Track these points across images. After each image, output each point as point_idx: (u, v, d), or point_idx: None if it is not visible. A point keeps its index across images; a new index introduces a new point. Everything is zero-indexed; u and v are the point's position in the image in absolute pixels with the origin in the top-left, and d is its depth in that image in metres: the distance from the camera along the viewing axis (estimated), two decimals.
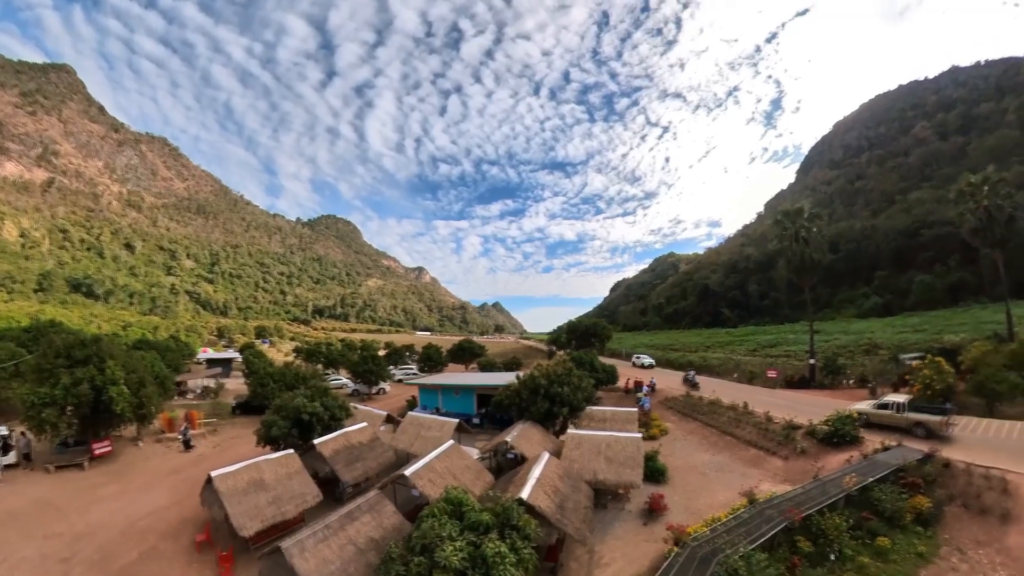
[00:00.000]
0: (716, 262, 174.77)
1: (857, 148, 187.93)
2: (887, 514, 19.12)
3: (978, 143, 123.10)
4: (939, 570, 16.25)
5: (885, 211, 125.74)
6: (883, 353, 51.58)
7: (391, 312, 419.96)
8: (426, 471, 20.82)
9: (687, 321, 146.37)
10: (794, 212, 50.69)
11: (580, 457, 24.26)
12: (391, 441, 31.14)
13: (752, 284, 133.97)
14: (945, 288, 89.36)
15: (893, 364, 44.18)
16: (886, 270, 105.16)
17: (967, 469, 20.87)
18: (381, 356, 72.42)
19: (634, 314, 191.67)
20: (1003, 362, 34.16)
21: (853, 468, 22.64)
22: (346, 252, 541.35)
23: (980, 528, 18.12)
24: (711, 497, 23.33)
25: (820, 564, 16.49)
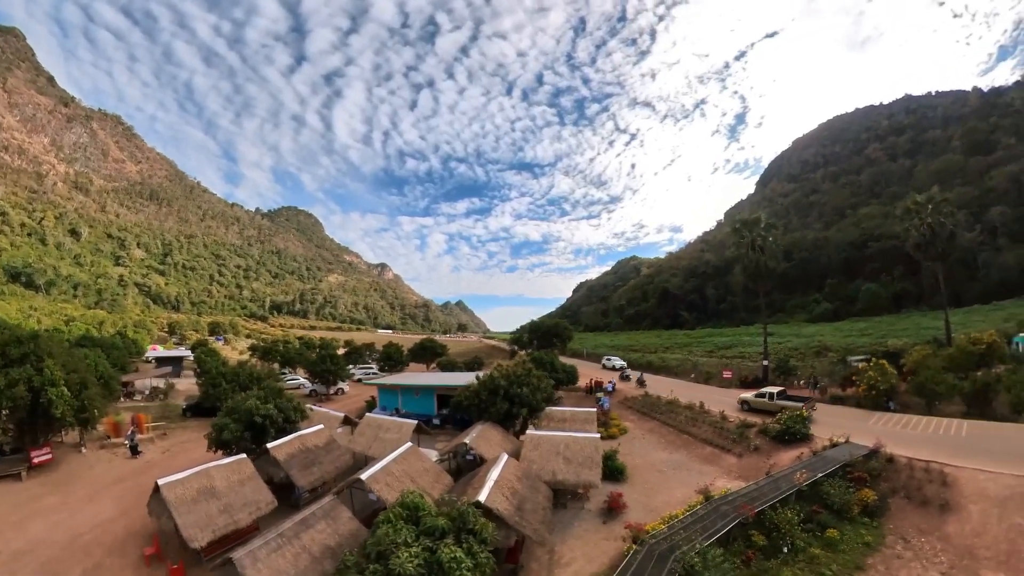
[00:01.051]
0: (676, 266, 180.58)
1: (814, 164, 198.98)
2: (836, 507, 19.82)
3: (924, 166, 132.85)
4: (885, 558, 16.90)
5: (836, 224, 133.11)
6: (832, 355, 54.13)
7: (352, 309, 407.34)
8: (383, 474, 20.03)
9: (647, 323, 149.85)
10: (752, 221, 52.57)
11: (539, 458, 24.03)
12: (348, 443, 30.01)
13: (710, 288, 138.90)
14: (889, 296, 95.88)
15: (841, 366, 46.00)
16: (836, 278, 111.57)
17: (909, 463, 21.90)
18: (340, 355, 70.22)
19: (596, 315, 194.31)
20: (942, 365, 36.60)
21: (803, 464, 23.34)
22: (307, 246, 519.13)
23: (922, 518, 19.04)
24: (669, 494, 23.54)
25: (774, 556, 16.89)
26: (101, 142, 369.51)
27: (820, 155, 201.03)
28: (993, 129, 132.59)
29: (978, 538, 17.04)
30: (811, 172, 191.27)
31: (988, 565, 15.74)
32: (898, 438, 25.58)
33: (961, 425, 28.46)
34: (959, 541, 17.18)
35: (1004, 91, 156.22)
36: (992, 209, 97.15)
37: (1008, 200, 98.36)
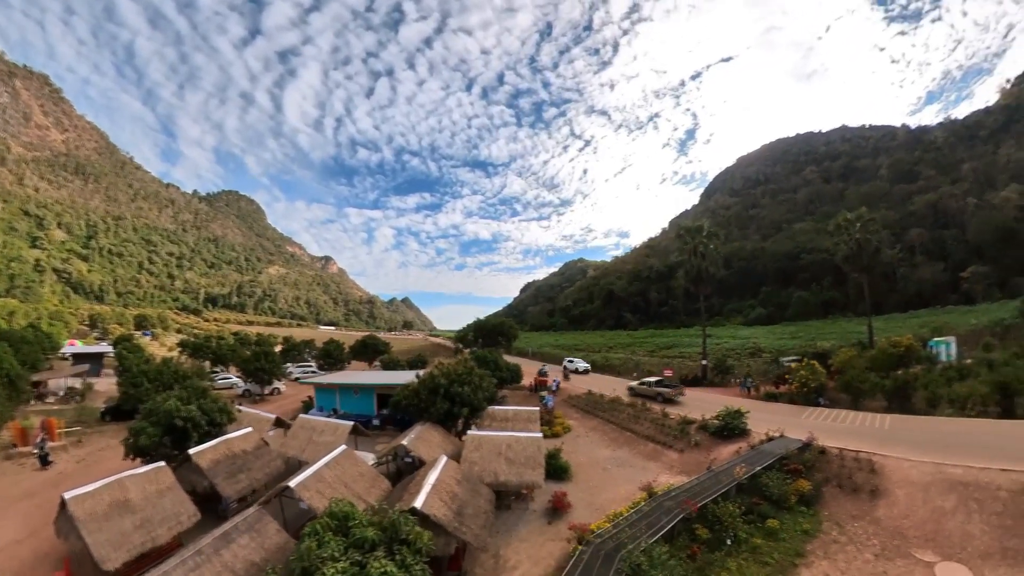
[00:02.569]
0: (622, 270, 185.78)
1: (755, 181, 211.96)
2: (774, 498, 20.21)
3: (854, 189, 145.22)
4: (822, 543, 17.45)
5: (773, 237, 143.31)
6: (766, 356, 56.86)
7: (293, 304, 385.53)
8: (314, 481, 18.37)
9: (592, 323, 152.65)
10: (695, 229, 54.72)
11: (480, 459, 22.99)
12: (280, 447, 27.76)
13: (653, 291, 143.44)
14: (819, 303, 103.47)
15: (774, 365, 48.00)
16: (770, 286, 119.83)
17: (840, 454, 22.80)
18: (277, 353, 66.19)
19: (542, 315, 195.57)
20: (865, 365, 39.15)
21: (742, 458, 23.67)
22: (247, 234, 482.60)
23: (854, 504, 19.81)
24: (613, 492, 23.24)
25: (718, 549, 17.00)
26: (23, 104, 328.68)
27: (761, 173, 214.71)
28: (916, 162, 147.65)
29: (906, 520, 17.96)
30: (752, 188, 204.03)
31: (916, 544, 16.68)
32: (828, 431, 26.59)
33: (884, 419, 30.06)
34: (889, 524, 18.01)
35: (929, 130, 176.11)
36: (911, 230, 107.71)
37: (925, 223, 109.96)
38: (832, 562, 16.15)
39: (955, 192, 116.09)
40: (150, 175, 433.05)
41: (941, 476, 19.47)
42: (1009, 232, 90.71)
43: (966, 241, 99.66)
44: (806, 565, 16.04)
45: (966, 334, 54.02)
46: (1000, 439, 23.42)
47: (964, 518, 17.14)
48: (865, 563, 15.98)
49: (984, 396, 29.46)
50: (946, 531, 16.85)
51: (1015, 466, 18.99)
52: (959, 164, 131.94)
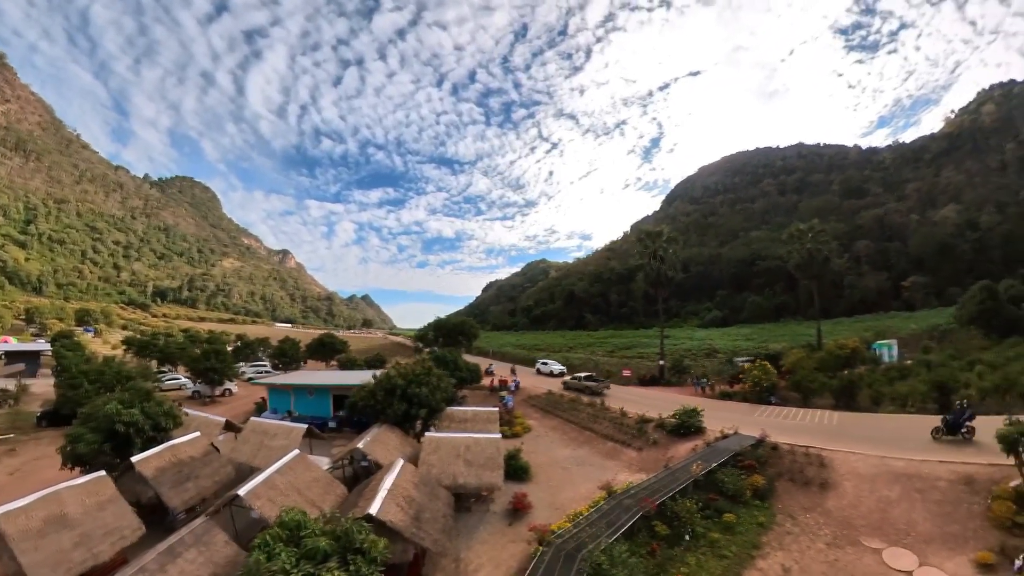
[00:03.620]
0: (583, 271, 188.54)
1: (715, 190, 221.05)
2: (730, 493, 20.65)
3: (808, 202, 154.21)
4: (777, 535, 18.01)
5: (730, 243, 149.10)
6: (721, 356, 58.54)
7: (248, 299, 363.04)
8: (265, 488, 17.27)
9: (553, 323, 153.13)
10: (656, 233, 56.15)
11: (439, 461, 22.43)
12: (230, 453, 26.11)
13: (613, 293, 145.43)
14: (771, 307, 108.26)
15: (729, 365, 49.31)
16: (726, 290, 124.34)
17: (791, 450, 23.60)
18: (229, 351, 62.97)
19: (503, 315, 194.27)
20: (814, 366, 41.17)
21: (698, 456, 24.02)
22: (200, 224, 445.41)
23: (805, 496, 20.54)
24: (573, 491, 23.13)
25: (677, 544, 17.18)
26: None
27: (721, 183, 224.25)
28: (866, 180, 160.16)
29: (854, 510, 18.82)
30: (712, 197, 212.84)
31: (865, 532, 17.46)
32: (780, 428, 27.44)
33: (832, 415, 31.33)
34: (839, 514, 18.80)
35: (878, 151, 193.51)
36: (859, 242, 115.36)
37: (871, 236, 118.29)
38: (787, 552, 16.63)
39: (899, 209, 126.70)
40: (98, 155, 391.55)
41: (885, 468, 20.66)
42: (947, 247, 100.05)
43: (908, 253, 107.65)
44: (762, 556, 16.44)
45: (906, 338, 57.69)
46: None
47: (908, 507, 18.11)
48: (818, 552, 16.55)
49: (923, 394, 31.36)
50: (892, 519, 17.74)
51: (952, 458, 20.33)
52: (904, 184, 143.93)
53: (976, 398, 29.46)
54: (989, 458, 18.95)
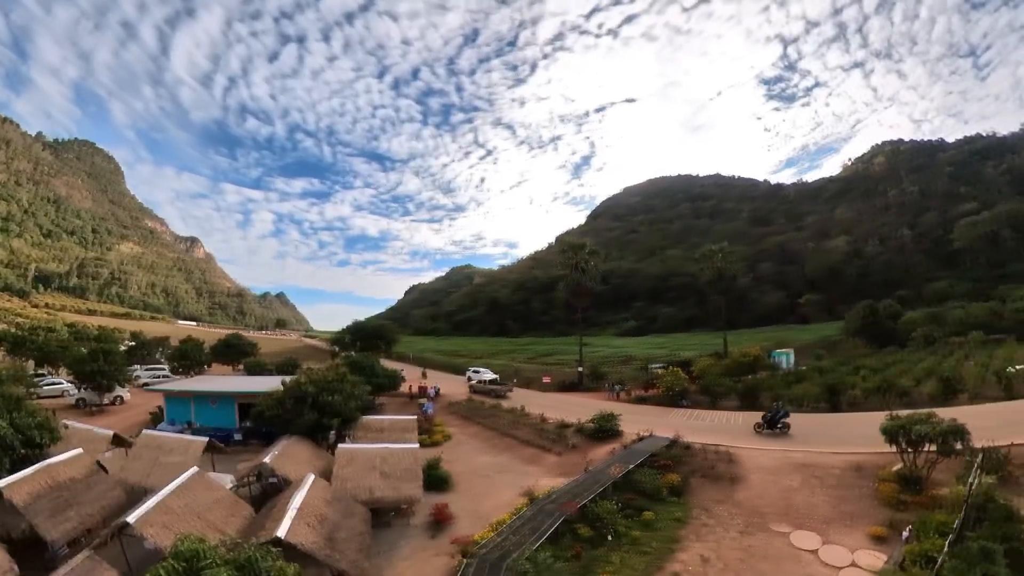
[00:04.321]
0: (507, 279, 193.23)
1: (637, 209, 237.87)
2: (648, 492, 21.46)
3: (720, 227, 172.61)
4: (694, 528, 18.98)
5: (647, 259, 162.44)
6: (636, 363, 61.28)
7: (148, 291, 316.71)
8: (159, 513, 15.09)
9: (475, 329, 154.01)
10: (579, 246, 59.27)
11: (353, 475, 21.27)
12: (120, 473, 22.58)
13: (536, 301, 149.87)
14: (683, 318, 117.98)
15: (644, 372, 52.00)
16: (642, 302, 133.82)
17: (703, 448, 25.28)
18: (122, 351, 55.31)
19: (425, 319, 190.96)
20: (721, 371, 45.25)
21: (616, 458, 24.83)
22: (99, 199, 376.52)
23: (717, 490, 21.96)
24: (496, 499, 22.83)
25: (600, 545, 17.51)
26: None
27: (643, 204, 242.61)
28: (772, 211, 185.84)
29: (762, 500, 20.42)
30: (634, 215, 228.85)
31: (773, 519, 18.96)
32: (692, 429, 29.28)
33: (738, 416, 34.12)
34: (748, 504, 20.30)
35: (784, 187, 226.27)
36: (762, 264, 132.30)
37: (773, 259, 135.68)
38: (704, 543, 17.54)
39: (799, 237, 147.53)
40: None
41: (787, 461, 22.95)
42: (837, 271, 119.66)
43: (804, 275, 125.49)
44: (682, 549, 17.18)
45: (801, 347, 64.51)
46: (830, 428, 28.39)
47: (808, 493, 20.14)
48: (732, 540, 17.66)
49: (816, 395, 35.20)
50: (795, 505, 19.54)
51: (843, 449, 23.15)
52: (804, 216, 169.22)
53: (861, 397, 33.69)
54: (873, 447, 21.41)
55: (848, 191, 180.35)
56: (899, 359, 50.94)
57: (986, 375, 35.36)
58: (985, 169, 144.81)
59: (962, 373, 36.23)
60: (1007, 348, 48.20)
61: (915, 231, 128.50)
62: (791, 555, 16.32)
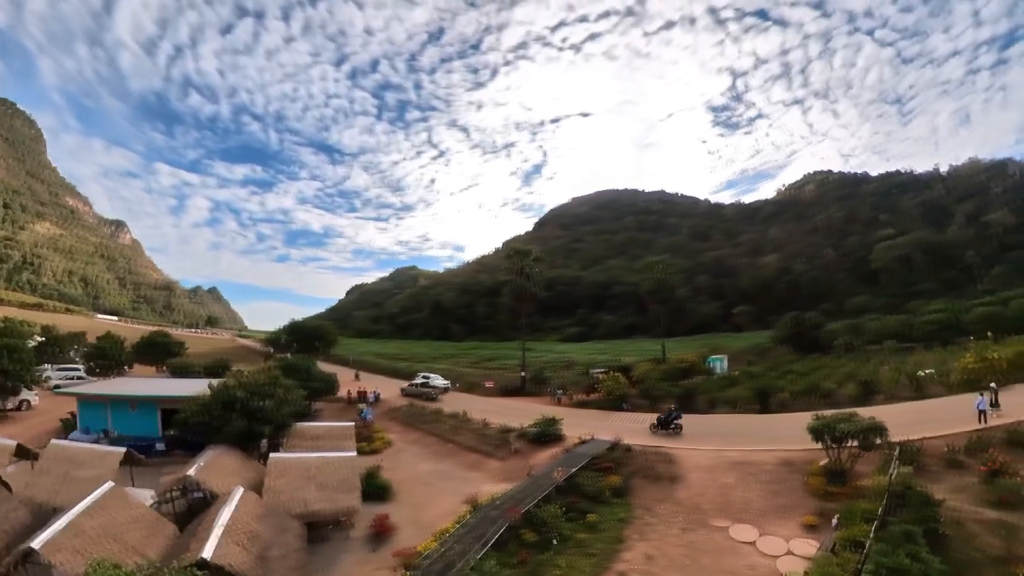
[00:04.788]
0: (453, 282, 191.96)
1: (583, 220, 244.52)
2: (591, 494, 21.78)
3: (661, 240, 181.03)
4: (637, 527, 19.46)
5: (591, 268, 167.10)
6: (578, 368, 62.46)
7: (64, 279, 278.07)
8: (70, 536, 13.49)
9: (418, 332, 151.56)
10: (524, 252, 60.97)
11: (287, 487, 20.19)
12: (25, 489, 19.88)
13: (480, 306, 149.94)
14: (624, 326, 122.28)
15: (585, 376, 53.01)
16: (585, 309, 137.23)
17: (643, 450, 26.14)
18: (30, 348, 48.93)
19: (367, 320, 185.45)
20: (660, 376, 47.34)
21: (559, 462, 25.16)
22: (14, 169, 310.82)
23: (658, 490, 22.67)
24: (438, 507, 22.52)
25: (546, 549, 17.54)
26: None
27: (590, 214, 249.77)
28: (710, 228, 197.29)
29: (701, 497, 21.32)
30: (580, 225, 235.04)
31: (712, 514, 19.79)
32: (632, 431, 30.10)
33: None
34: (688, 502, 21.16)
35: (723, 207, 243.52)
36: (699, 276, 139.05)
37: (710, 272, 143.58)
38: (648, 542, 18.02)
39: (734, 253, 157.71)
40: None
41: (723, 459, 24.16)
42: (768, 284, 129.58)
43: (738, 288, 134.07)
44: (627, 549, 17.56)
45: (734, 353, 67.86)
46: (761, 428, 30.26)
47: (744, 489, 21.25)
48: (675, 537, 18.26)
49: (748, 398, 37.20)
50: (732, 501, 20.53)
51: (773, 446, 24.63)
52: (740, 234, 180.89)
53: (789, 399, 35.78)
54: (801, 444, 22.70)
55: (781, 213, 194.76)
56: (823, 364, 54.69)
57: (899, 378, 38.52)
58: (902, 201, 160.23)
59: (878, 377, 39.52)
60: (917, 355, 53.02)
61: (839, 252, 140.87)
62: (731, 548, 17.06)
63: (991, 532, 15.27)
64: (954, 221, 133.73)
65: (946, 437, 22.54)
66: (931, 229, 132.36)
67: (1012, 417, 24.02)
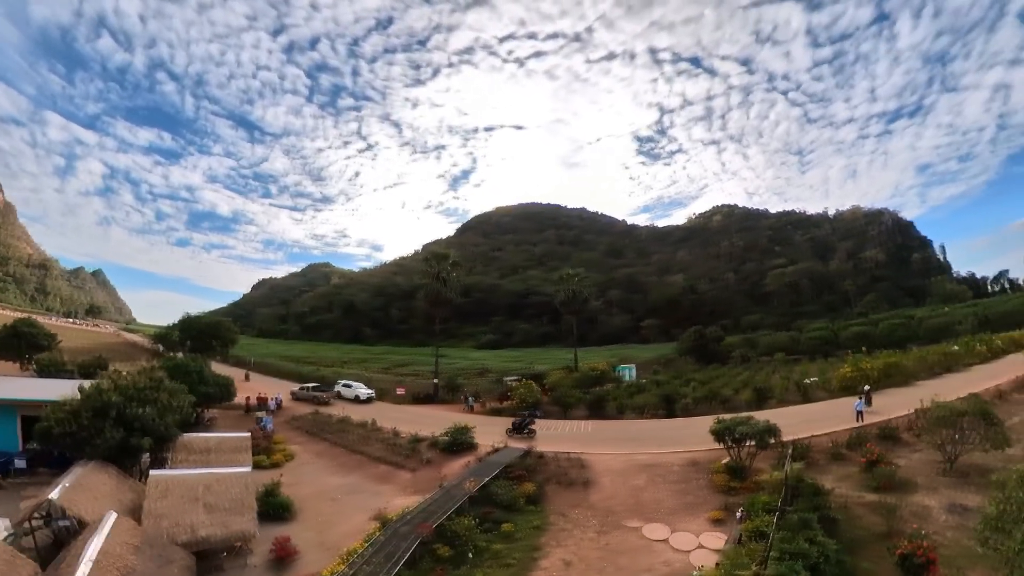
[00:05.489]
0: (367, 283, 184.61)
1: (505, 229, 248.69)
2: (505, 503, 21.51)
3: (578, 255, 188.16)
4: (553, 534, 19.48)
5: (509, 277, 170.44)
6: (492, 375, 62.66)
7: None
8: None
9: (329, 334, 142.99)
10: (442, 256, 59.89)
11: (170, 510, 17.65)
12: None
13: (395, 309, 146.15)
14: (538, 334, 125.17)
15: (499, 384, 53.24)
16: (501, 317, 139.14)
17: (555, 456, 26.18)
18: None
19: (273, 319, 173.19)
20: (571, 384, 48.51)
21: (471, 472, 24.56)
22: None
23: (571, 495, 22.96)
24: (346, 524, 21.04)
25: (462, 564, 17.00)
26: None
27: (512, 224, 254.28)
28: (625, 247, 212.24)
29: (614, 499, 21.86)
30: (502, 234, 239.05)
31: (625, 516, 20.33)
32: (545, 438, 30.40)
33: (587, 424, 36.55)
34: (601, 505, 21.61)
35: (637, 228, 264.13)
36: (612, 291, 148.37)
37: (622, 287, 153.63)
38: (564, 548, 18.09)
39: (645, 271, 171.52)
40: None
41: (633, 462, 24.95)
42: (674, 301, 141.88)
43: (647, 303, 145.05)
44: (544, 556, 17.49)
45: (642, 363, 72.14)
46: (667, 432, 31.80)
47: (654, 490, 22.14)
48: (590, 540, 18.51)
49: (654, 404, 39.08)
50: (644, 501, 21.29)
51: (680, 448, 25.91)
52: (651, 255, 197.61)
53: (692, 404, 38.13)
54: (705, 445, 24.28)
55: (689, 238, 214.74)
56: (721, 373, 59.60)
57: (788, 385, 42.61)
58: (794, 236, 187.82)
59: (770, 384, 43.46)
60: (803, 365, 60.15)
61: (738, 275, 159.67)
62: (645, 547, 17.57)
63: (873, 513, 17.34)
64: (836, 255, 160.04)
65: (830, 435, 25.37)
66: (817, 261, 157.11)
67: (883, 416, 27.72)
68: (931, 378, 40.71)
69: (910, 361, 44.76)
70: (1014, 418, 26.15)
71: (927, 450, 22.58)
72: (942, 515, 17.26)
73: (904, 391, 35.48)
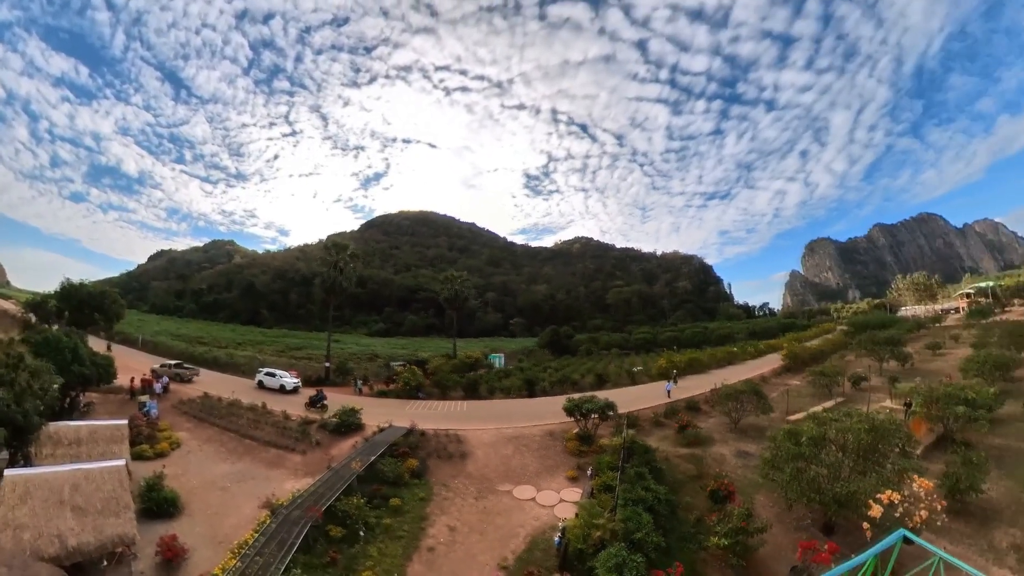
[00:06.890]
0: (270, 265, 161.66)
1: (404, 231, 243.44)
2: (392, 479, 20.28)
3: (464, 261, 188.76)
4: (437, 503, 19.02)
5: (403, 273, 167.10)
6: (380, 360, 60.12)
7: None
8: None
9: (226, 314, 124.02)
10: (341, 246, 54.62)
11: (31, 518, 13.31)
12: None
13: (294, 294, 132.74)
14: (424, 325, 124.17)
15: (386, 368, 51.17)
16: (392, 308, 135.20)
17: (436, 433, 25.64)
18: None
19: (169, 294, 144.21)
20: (450, 369, 48.01)
21: (359, 452, 22.76)
22: None
23: (451, 467, 22.66)
24: (237, 514, 17.65)
25: (355, 543, 15.56)
26: None
27: (411, 229, 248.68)
28: (503, 259, 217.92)
29: (487, 468, 22.06)
30: (401, 235, 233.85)
31: (498, 481, 20.88)
32: (426, 417, 29.80)
33: (463, 404, 36.25)
34: (477, 474, 21.66)
35: (515, 245, 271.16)
36: (488, 293, 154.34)
37: (497, 291, 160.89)
38: (448, 515, 17.77)
39: (516, 280, 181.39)
40: None
41: (501, 435, 25.37)
42: (537, 305, 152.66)
43: (516, 305, 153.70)
44: (431, 524, 17.04)
45: (509, 353, 74.24)
46: (529, 409, 32.79)
47: (520, 457, 22.87)
48: (470, 505, 18.45)
49: (519, 387, 40.24)
50: (512, 468, 21.83)
51: (540, 422, 27.17)
52: (523, 267, 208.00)
53: (549, 387, 40.08)
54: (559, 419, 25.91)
55: (554, 258, 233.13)
56: (572, 362, 63.68)
57: (621, 372, 47.28)
58: (631, 266, 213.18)
59: (608, 371, 47.57)
60: (631, 358, 67.42)
61: (587, 290, 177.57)
62: (517, 506, 18.02)
63: (687, 462, 20.50)
64: (658, 282, 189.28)
65: (652, 407, 28.94)
66: (645, 285, 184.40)
67: (688, 393, 33.06)
68: (719, 368, 49.99)
69: (705, 357, 54.28)
70: (773, 393, 32.69)
71: (719, 416, 27.61)
72: (733, 460, 21.01)
73: (702, 377, 42.99)
